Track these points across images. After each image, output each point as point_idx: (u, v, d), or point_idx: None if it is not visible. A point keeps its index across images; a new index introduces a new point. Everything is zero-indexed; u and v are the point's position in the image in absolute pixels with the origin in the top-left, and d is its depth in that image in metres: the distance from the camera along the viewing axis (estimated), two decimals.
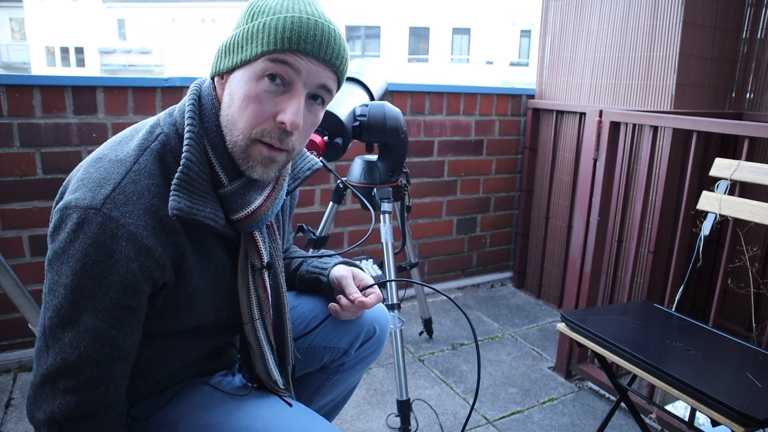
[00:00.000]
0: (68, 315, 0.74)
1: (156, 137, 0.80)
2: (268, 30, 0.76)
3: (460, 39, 25.85)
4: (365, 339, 1.15)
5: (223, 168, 0.82)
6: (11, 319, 1.94)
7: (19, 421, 1.68)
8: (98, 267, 0.72)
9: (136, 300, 0.76)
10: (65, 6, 24.89)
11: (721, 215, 1.51)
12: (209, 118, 0.81)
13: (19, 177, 1.85)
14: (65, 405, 0.75)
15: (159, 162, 0.79)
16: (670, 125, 1.76)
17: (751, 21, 2.28)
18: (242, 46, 0.78)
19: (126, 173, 0.76)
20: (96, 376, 0.76)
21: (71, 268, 0.73)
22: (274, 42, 0.76)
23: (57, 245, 0.74)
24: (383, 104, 1.58)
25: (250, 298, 0.91)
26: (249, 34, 0.77)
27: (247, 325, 0.92)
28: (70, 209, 0.73)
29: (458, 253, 2.86)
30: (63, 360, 0.74)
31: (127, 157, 0.78)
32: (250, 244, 0.89)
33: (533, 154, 2.82)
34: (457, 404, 1.88)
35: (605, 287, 2.10)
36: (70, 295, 0.73)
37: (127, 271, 0.74)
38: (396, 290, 1.69)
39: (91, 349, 0.74)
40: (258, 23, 0.77)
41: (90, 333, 0.74)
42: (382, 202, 1.69)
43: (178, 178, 0.76)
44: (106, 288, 0.73)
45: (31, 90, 1.82)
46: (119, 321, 0.76)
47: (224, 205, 0.83)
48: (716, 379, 1.17)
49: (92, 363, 0.75)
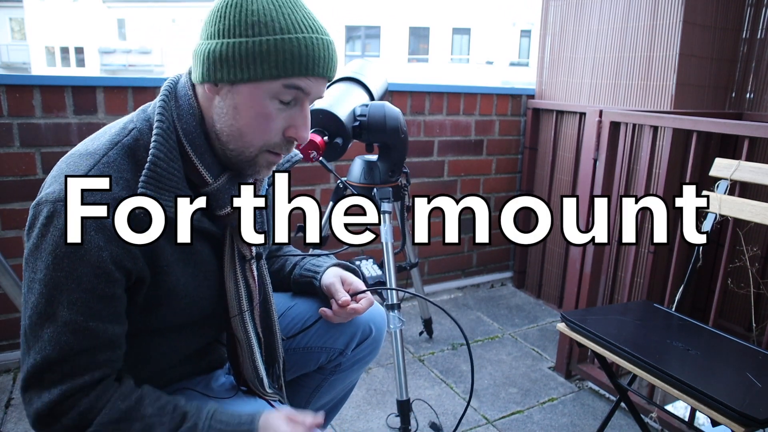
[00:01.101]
0: (45, 311, 0.74)
1: (128, 132, 0.81)
2: (283, 53, 0.76)
3: (460, 39, 25.85)
4: (361, 339, 1.15)
5: (206, 167, 0.82)
6: (11, 319, 1.94)
7: (19, 421, 1.68)
8: (69, 258, 0.73)
9: (111, 289, 0.76)
10: (65, 6, 24.88)
11: (721, 215, 1.51)
12: (187, 119, 0.82)
13: (19, 177, 1.85)
14: (50, 398, 0.74)
15: (129, 157, 0.79)
16: (670, 125, 1.76)
17: (751, 21, 2.28)
18: (249, 63, 0.76)
19: (94, 165, 0.77)
20: (80, 365, 0.75)
21: (44, 262, 0.73)
22: (289, 67, 0.77)
23: (31, 242, 0.75)
24: (383, 104, 1.58)
25: (239, 289, 0.91)
26: (257, 52, 0.76)
27: (235, 317, 0.92)
28: (41, 204, 0.75)
29: (458, 253, 2.86)
30: (44, 358, 0.74)
31: (97, 150, 0.79)
32: (238, 236, 0.89)
33: (533, 154, 2.82)
34: (457, 404, 1.88)
35: (605, 287, 2.10)
36: (45, 290, 0.74)
37: (98, 259, 0.74)
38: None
39: (72, 343, 0.74)
40: (266, 42, 0.76)
41: (68, 326, 0.74)
42: (382, 202, 1.69)
43: (145, 174, 0.77)
44: (78, 279, 0.74)
45: (31, 90, 1.82)
46: (96, 312, 0.75)
47: (210, 201, 0.84)
48: (716, 379, 1.17)
49: (74, 354, 0.75)
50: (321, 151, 1.38)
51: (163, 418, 0.78)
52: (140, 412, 0.77)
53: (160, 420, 0.78)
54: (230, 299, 0.91)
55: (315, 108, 1.45)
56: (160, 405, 0.79)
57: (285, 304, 1.15)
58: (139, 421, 0.77)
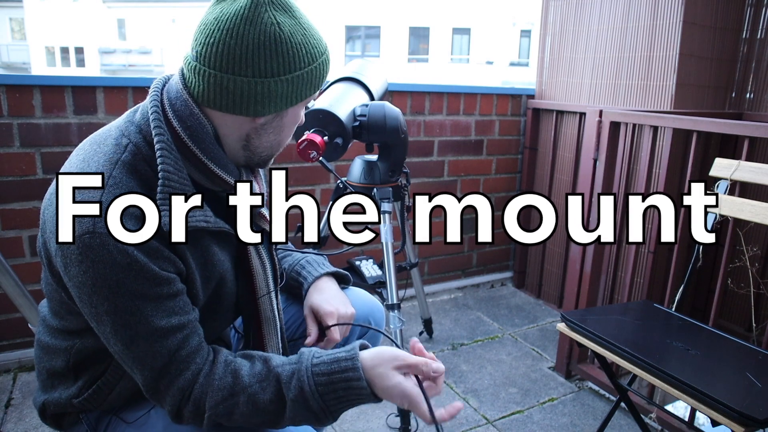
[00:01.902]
0: (127, 335, 0.76)
1: (125, 148, 0.80)
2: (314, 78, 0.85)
3: (460, 39, 25.84)
4: (360, 335, 1.16)
5: (229, 173, 0.86)
6: (11, 319, 1.94)
7: (19, 421, 1.68)
8: (124, 283, 0.74)
9: (174, 287, 0.79)
10: (65, 6, 24.87)
11: (721, 215, 1.51)
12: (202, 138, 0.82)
13: (19, 177, 1.85)
14: (172, 400, 0.80)
15: (133, 173, 0.79)
16: (670, 125, 1.76)
17: (751, 21, 2.28)
18: (294, 94, 0.83)
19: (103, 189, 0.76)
20: (181, 359, 0.79)
21: (101, 295, 0.74)
22: (319, 85, 0.87)
23: (75, 280, 0.75)
24: (383, 104, 1.57)
25: (266, 270, 0.95)
26: (299, 83, 0.83)
27: (264, 297, 0.95)
28: (67, 243, 0.74)
29: (458, 253, 2.86)
30: (151, 370, 0.79)
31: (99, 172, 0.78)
32: (261, 219, 0.95)
33: (533, 154, 2.82)
34: None
35: (605, 287, 2.10)
36: (117, 318, 0.75)
37: (150, 273, 0.75)
38: (396, 290, 1.69)
39: (167, 345, 0.78)
40: (307, 73, 0.83)
41: (155, 335, 0.77)
42: (382, 202, 1.69)
43: (161, 192, 0.77)
44: (141, 296, 0.75)
45: (31, 90, 1.82)
46: (171, 309, 0.79)
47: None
48: (716, 379, 1.17)
49: (172, 353, 0.79)
50: (321, 151, 1.38)
51: (263, 384, 0.82)
52: (240, 384, 0.81)
53: (261, 387, 0.81)
54: (258, 280, 0.94)
55: (315, 108, 1.45)
56: (255, 372, 0.83)
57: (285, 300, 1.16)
58: (242, 393, 0.81)
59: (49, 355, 0.91)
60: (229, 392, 0.80)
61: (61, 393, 0.90)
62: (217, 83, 0.79)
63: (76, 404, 0.89)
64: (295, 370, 0.82)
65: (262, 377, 0.82)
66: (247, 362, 0.84)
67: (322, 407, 0.81)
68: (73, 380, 0.90)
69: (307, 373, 0.81)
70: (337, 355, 0.83)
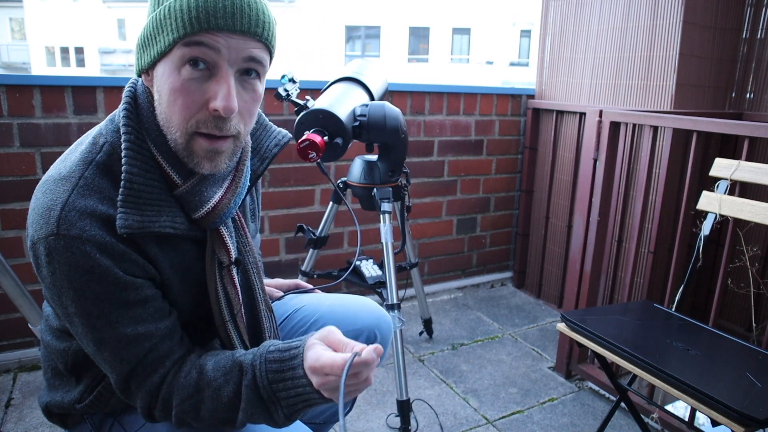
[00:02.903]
0: (94, 338, 0.76)
1: (100, 148, 0.77)
2: (175, 13, 0.70)
3: (460, 39, 25.83)
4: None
5: (173, 168, 0.78)
6: (11, 319, 1.94)
7: (19, 421, 1.68)
8: (88, 287, 0.72)
9: (142, 293, 0.76)
10: (65, 6, 24.87)
11: (721, 215, 1.51)
12: (148, 119, 0.77)
13: (19, 177, 1.85)
14: (141, 402, 0.79)
15: (107, 174, 0.75)
16: (670, 125, 1.75)
17: (751, 21, 2.27)
18: (155, 37, 0.72)
19: (72, 189, 0.73)
20: (150, 363, 0.78)
21: (69, 297, 0.73)
22: (182, 25, 0.69)
23: (46, 281, 0.74)
24: (383, 104, 1.57)
25: (219, 298, 0.86)
26: (158, 22, 0.72)
27: (220, 327, 0.89)
28: (36, 244, 0.72)
29: (458, 253, 2.86)
30: (119, 373, 0.78)
31: (71, 173, 0.74)
32: (216, 240, 0.84)
33: (533, 154, 2.82)
34: (457, 404, 1.88)
35: (605, 287, 2.10)
36: (85, 321, 0.74)
37: (114, 277, 0.73)
38: (396, 290, 1.69)
39: (134, 351, 0.77)
40: (164, 7, 0.71)
41: (122, 342, 0.76)
42: (382, 202, 1.69)
43: (121, 194, 0.73)
44: (107, 300, 0.74)
45: (31, 90, 1.82)
46: (139, 317, 0.77)
47: (183, 204, 0.80)
48: (716, 379, 1.17)
49: (140, 359, 0.77)
50: (320, 153, 1.38)
51: (227, 376, 0.79)
52: (205, 380, 0.79)
53: (225, 379, 0.79)
54: (213, 308, 0.87)
55: (315, 108, 1.45)
56: (219, 365, 0.80)
57: (292, 307, 1.14)
58: (207, 388, 0.79)
59: (51, 355, 0.91)
60: (195, 389, 0.79)
61: (63, 396, 0.90)
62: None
63: (79, 409, 0.89)
64: (255, 353, 0.80)
65: (227, 369, 0.79)
66: (213, 357, 0.82)
67: (271, 396, 0.77)
68: (74, 383, 0.90)
69: (260, 359, 0.78)
70: (291, 342, 0.79)
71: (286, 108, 2.22)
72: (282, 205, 2.33)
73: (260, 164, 0.92)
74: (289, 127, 1.17)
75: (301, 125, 1.45)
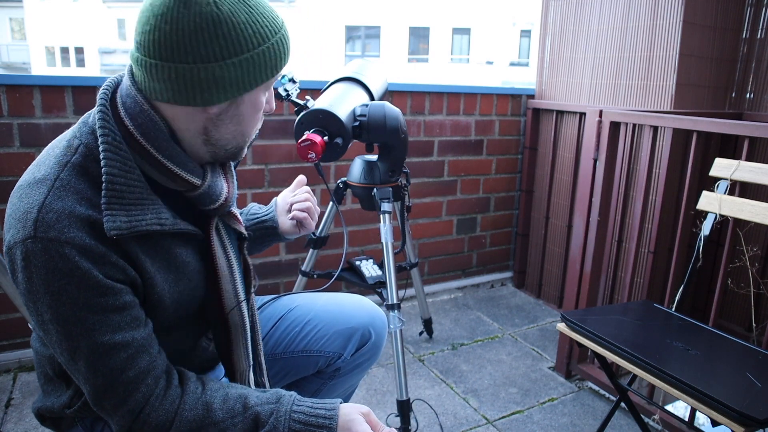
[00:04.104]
0: (69, 346, 0.74)
1: (76, 150, 0.76)
2: (269, 60, 0.78)
3: (460, 39, 25.83)
4: (361, 344, 1.15)
5: (190, 173, 0.81)
6: (11, 319, 1.94)
7: (19, 421, 1.68)
8: (66, 291, 0.71)
9: (119, 299, 0.75)
10: (65, 6, 24.87)
11: (721, 215, 1.51)
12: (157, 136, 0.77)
13: (18, 177, 1.84)
14: (121, 420, 0.77)
15: (83, 175, 0.75)
16: (670, 125, 1.76)
17: (751, 21, 2.27)
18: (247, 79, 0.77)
19: (48, 191, 0.72)
20: (128, 381, 0.76)
21: (44, 303, 0.72)
22: (276, 68, 0.80)
23: (21, 287, 0.73)
24: (383, 104, 1.57)
25: (234, 277, 0.90)
26: (253, 66, 0.76)
27: (234, 308, 0.91)
28: (12, 248, 0.72)
29: (458, 253, 2.86)
30: (92, 386, 0.76)
31: (47, 175, 0.74)
32: (231, 219, 0.92)
33: (533, 154, 2.82)
34: (457, 404, 1.88)
35: (605, 287, 2.10)
36: (60, 328, 0.73)
37: (94, 281, 0.72)
38: (396, 290, 1.69)
39: (109, 363, 0.75)
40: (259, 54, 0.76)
41: (97, 351, 0.74)
42: (382, 202, 1.69)
43: (105, 196, 0.73)
44: (84, 306, 0.72)
45: (31, 90, 1.82)
46: (115, 324, 0.75)
47: (197, 202, 0.84)
48: (716, 379, 1.17)
49: (117, 372, 0.75)
50: (320, 154, 1.38)
51: (235, 419, 0.80)
52: (211, 418, 0.80)
53: (232, 422, 0.80)
54: (227, 291, 0.89)
55: (315, 108, 1.45)
56: (228, 407, 0.81)
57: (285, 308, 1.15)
58: (212, 426, 0.79)
59: (41, 361, 0.91)
60: (199, 424, 0.79)
61: (54, 401, 0.90)
62: (159, 73, 0.73)
63: (69, 414, 0.89)
64: (274, 410, 0.82)
65: (235, 413, 0.81)
66: (220, 395, 0.82)
67: None
68: (64, 387, 0.89)
69: (285, 416, 0.81)
70: (317, 410, 0.83)
71: (286, 108, 2.22)
72: None
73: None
74: (289, 127, 1.17)
75: (301, 125, 1.46)
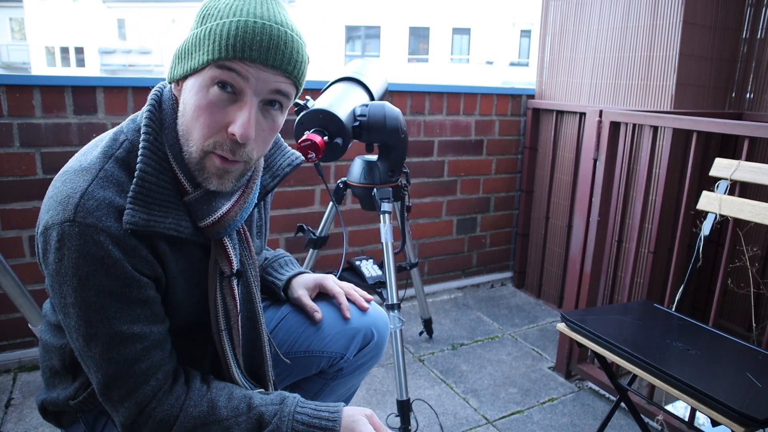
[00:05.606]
0: (88, 332, 0.75)
1: (120, 144, 0.79)
2: (214, 36, 0.73)
3: (460, 39, 25.83)
4: (363, 344, 1.15)
5: (185, 175, 0.80)
6: (11, 319, 1.94)
7: (19, 421, 1.68)
8: (94, 277, 0.72)
9: (143, 292, 0.77)
10: (65, 6, 24.87)
11: (721, 215, 1.51)
12: (169, 125, 0.80)
13: (19, 177, 1.85)
14: (126, 412, 0.78)
15: (125, 169, 0.77)
16: (670, 125, 1.76)
17: (751, 21, 2.27)
18: (192, 52, 0.75)
19: (92, 180, 0.74)
20: (139, 372, 0.77)
21: (71, 286, 0.73)
22: (218, 49, 0.72)
23: (50, 268, 0.74)
24: (383, 104, 1.57)
25: (217, 307, 0.88)
26: (197, 39, 0.75)
27: (216, 335, 0.90)
28: (49, 229, 0.73)
29: (458, 253, 2.86)
30: (104, 374, 0.77)
31: (92, 165, 0.76)
32: (219, 251, 0.87)
33: (533, 154, 2.82)
34: (457, 404, 1.88)
35: (605, 287, 2.10)
36: (81, 313, 0.74)
37: (122, 271, 0.74)
38: (396, 290, 1.69)
39: (124, 353, 0.76)
40: (206, 28, 0.74)
41: (114, 339, 0.75)
42: (382, 202, 1.69)
43: (132, 190, 0.75)
44: (109, 294, 0.74)
45: (31, 90, 1.82)
46: (136, 317, 0.77)
47: (191, 212, 0.81)
48: (716, 379, 1.17)
49: (130, 363, 0.77)
50: (320, 154, 1.38)
51: (239, 418, 0.81)
52: (216, 416, 0.80)
53: (236, 421, 0.81)
54: (211, 315, 0.89)
55: (315, 108, 1.45)
56: (233, 406, 0.82)
57: (281, 314, 1.15)
58: (216, 424, 0.80)
59: (49, 353, 0.91)
60: (203, 421, 0.80)
61: (59, 393, 0.91)
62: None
63: (72, 405, 0.89)
64: (278, 411, 0.83)
65: (240, 412, 0.82)
66: (225, 393, 0.83)
67: None
68: (71, 380, 0.90)
69: (288, 416, 0.82)
70: (320, 412, 0.84)
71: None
72: (282, 205, 2.33)
73: (271, 181, 0.95)
74: (289, 127, 1.17)
75: (301, 125, 1.46)
